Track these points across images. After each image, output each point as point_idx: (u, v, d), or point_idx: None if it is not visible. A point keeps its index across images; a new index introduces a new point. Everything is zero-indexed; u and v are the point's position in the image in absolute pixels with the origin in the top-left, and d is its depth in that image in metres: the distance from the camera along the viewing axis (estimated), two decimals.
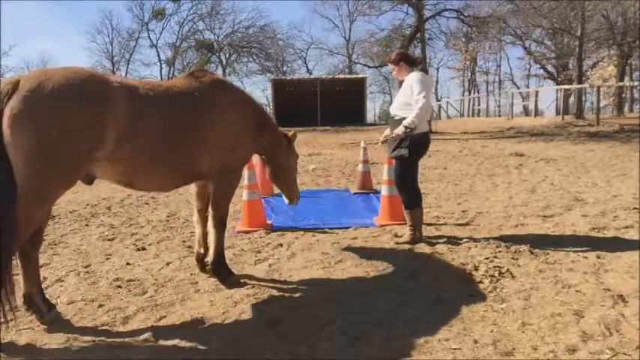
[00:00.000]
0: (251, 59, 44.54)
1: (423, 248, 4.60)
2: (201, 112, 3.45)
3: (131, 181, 3.31)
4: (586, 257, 4.17)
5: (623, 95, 30.05)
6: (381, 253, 4.51)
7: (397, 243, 4.77)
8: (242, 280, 3.88)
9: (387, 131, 4.86)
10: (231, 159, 3.72)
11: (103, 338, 2.95)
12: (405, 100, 4.63)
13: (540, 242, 4.67)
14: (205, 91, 3.53)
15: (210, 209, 3.85)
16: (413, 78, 4.62)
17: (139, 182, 3.36)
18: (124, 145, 2.97)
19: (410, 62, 4.83)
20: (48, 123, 2.68)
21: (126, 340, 2.92)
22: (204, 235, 4.02)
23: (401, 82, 4.94)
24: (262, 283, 3.83)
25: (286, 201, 4.75)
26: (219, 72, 39.93)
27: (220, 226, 3.84)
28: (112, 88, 2.96)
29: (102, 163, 3.01)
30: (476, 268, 3.96)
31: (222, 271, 3.87)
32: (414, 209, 4.77)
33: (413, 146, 4.60)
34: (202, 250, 4.10)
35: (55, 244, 5.18)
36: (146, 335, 2.95)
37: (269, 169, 4.48)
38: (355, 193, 7.62)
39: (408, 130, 4.51)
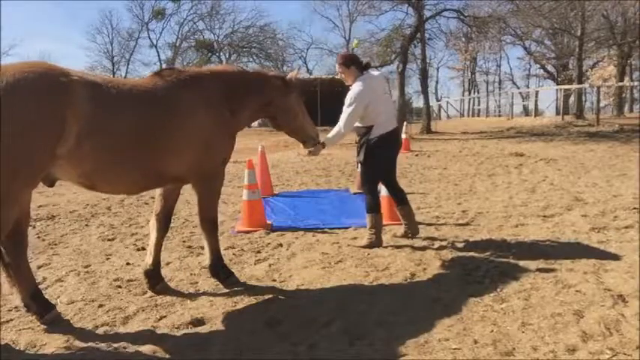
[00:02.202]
0: (251, 59, 44.52)
1: (423, 248, 4.60)
2: (166, 112, 3.27)
3: (92, 183, 3.14)
4: (586, 257, 4.17)
5: (623, 95, 30.08)
6: (381, 253, 4.51)
7: (357, 246, 4.71)
8: (242, 280, 3.88)
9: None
10: (207, 161, 3.54)
11: (103, 338, 2.95)
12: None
13: (540, 242, 4.68)
14: (171, 91, 3.36)
15: (198, 214, 3.72)
16: (351, 93, 4.52)
17: (100, 184, 3.19)
18: (84, 141, 2.84)
19: (360, 67, 4.65)
20: (3, 119, 2.56)
21: (126, 340, 2.92)
22: (159, 243, 3.74)
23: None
24: (262, 283, 3.83)
25: (303, 148, 4.42)
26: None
27: (211, 229, 3.74)
28: (72, 81, 2.84)
29: (62, 162, 2.87)
30: (476, 268, 3.96)
31: (221, 272, 3.80)
32: (373, 214, 4.70)
33: (369, 150, 4.59)
34: (150, 261, 3.70)
35: (55, 244, 5.17)
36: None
37: (270, 122, 4.23)
38: (355, 193, 7.63)
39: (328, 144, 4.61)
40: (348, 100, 4.54)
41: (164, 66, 44.71)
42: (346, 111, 4.55)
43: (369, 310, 3.25)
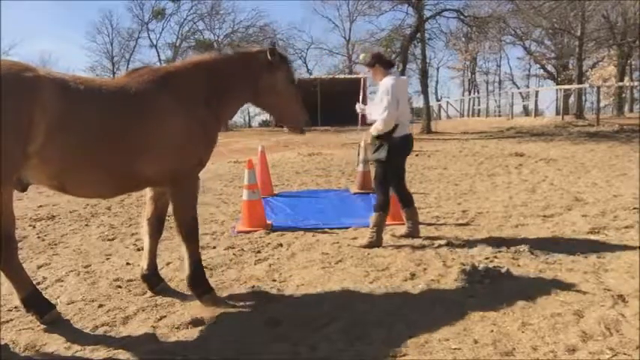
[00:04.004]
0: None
1: (423, 248, 4.60)
2: (136, 111, 3.13)
3: (63, 185, 3.02)
4: (586, 257, 4.17)
5: (623, 95, 30.07)
6: (381, 253, 4.51)
7: (357, 246, 4.74)
8: (242, 281, 3.88)
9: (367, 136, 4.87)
10: (180, 163, 3.32)
11: (103, 338, 2.95)
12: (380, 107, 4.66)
13: (540, 242, 4.67)
14: (142, 90, 3.20)
15: (174, 222, 3.46)
16: (385, 85, 4.63)
17: (71, 186, 3.07)
18: (53, 139, 2.77)
19: (385, 65, 4.79)
20: None
21: (126, 340, 2.93)
22: (153, 248, 3.69)
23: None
24: (262, 283, 3.83)
25: (286, 130, 4.10)
26: None
27: (189, 235, 3.42)
28: (37, 77, 2.77)
29: (33, 163, 2.80)
30: (476, 268, 3.96)
31: (198, 286, 3.45)
32: (380, 213, 4.76)
33: (392, 149, 4.64)
34: (145, 266, 3.66)
35: (55, 244, 5.18)
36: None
37: (252, 101, 3.93)
38: (355, 193, 7.63)
39: (378, 136, 4.65)
40: (384, 90, 4.59)
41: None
42: (386, 98, 4.57)
43: (369, 310, 3.25)
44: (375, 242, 4.70)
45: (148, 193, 3.66)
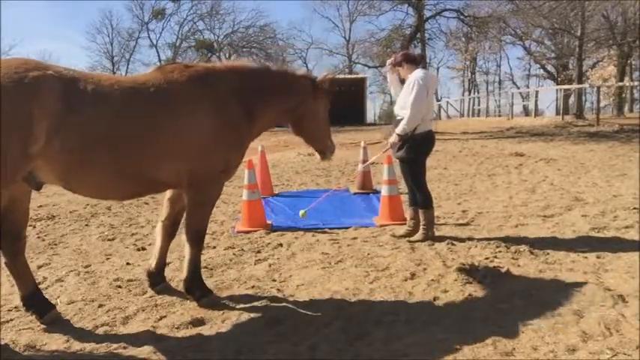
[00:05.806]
0: (251, 59, 44.33)
1: (423, 248, 4.60)
2: (153, 111, 2.99)
3: (70, 186, 2.96)
4: (586, 257, 4.17)
5: (623, 95, 30.05)
6: (381, 253, 4.51)
7: (410, 241, 4.80)
8: (242, 280, 3.88)
9: (392, 137, 4.83)
10: (203, 167, 3.19)
11: (103, 338, 2.95)
12: (407, 100, 4.64)
13: (540, 242, 4.67)
14: (165, 88, 3.05)
15: (185, 221, 3.39)
16: (414, 78, 4.63)
17: (77, 187, 3.00)
18: (54, 140, 2.68)
19: (413, 61, 4.82)
20: None
21: (126, 340, 2.92)
22: (164, 249, 3.67)
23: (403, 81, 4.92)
24: (262, 283, 3.83)
25: (317, 158, 4.10)
26: None
27: (196, 241, 3.37)
28: (43, 76, 2.68)
29: (39, 163, 2.73)
30: (476, 268, 3.96)
31: (196, 290, 3.43)
32: (429, 209, 4.85)
33: (418, 146, 4.66)
34: (154, 265, 3.65)
35: (55, 244, 5.17)
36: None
37: (291, 127, 3.83)
38: (355, 193, 7.62)
39: (405, 135, 4.59)
40: (413, 82, 4.58)
41: None
42: (414, 92, 4.54)
43: (369, 310, 3.26)
44: (428, 236, 4.82)
45: (166, 194, 3.58)
